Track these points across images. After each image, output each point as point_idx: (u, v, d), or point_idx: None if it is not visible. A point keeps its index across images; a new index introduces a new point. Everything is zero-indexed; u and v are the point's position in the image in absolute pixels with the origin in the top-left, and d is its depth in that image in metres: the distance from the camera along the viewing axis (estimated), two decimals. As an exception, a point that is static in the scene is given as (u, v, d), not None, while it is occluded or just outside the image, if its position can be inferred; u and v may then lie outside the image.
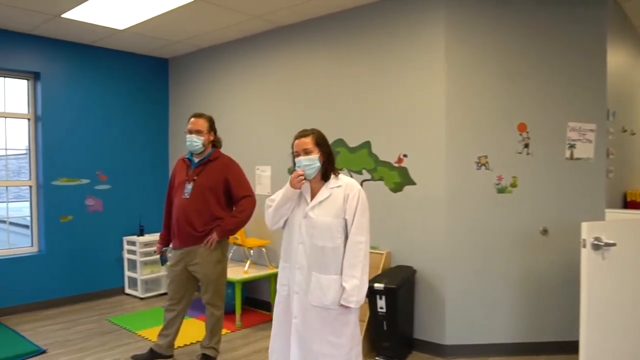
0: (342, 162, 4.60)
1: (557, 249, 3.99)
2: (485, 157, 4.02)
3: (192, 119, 3.73)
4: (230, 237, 5.30)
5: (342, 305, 2.58)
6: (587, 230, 2.82)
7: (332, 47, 4.70)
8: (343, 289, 2.58)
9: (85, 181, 5.76)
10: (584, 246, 2.81)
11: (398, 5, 4.19)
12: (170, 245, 3.83)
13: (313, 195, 2.72)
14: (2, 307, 5.14)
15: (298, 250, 2.69)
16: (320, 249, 2.64)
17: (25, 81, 5.51)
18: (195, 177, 3.69)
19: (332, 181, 2.71)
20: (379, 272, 4.18)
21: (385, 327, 3.80)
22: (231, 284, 4.94)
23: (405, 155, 4.20)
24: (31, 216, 5.56)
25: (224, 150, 3.84)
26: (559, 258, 3.99)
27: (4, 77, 5.36)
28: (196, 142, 3.67)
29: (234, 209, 3.75)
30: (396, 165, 4.26)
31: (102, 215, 5.90)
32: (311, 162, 2.67)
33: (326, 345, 2.60)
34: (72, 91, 5.65)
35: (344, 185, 2.69)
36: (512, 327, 4.02)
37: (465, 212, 4.00)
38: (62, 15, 4.70)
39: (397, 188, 4.26)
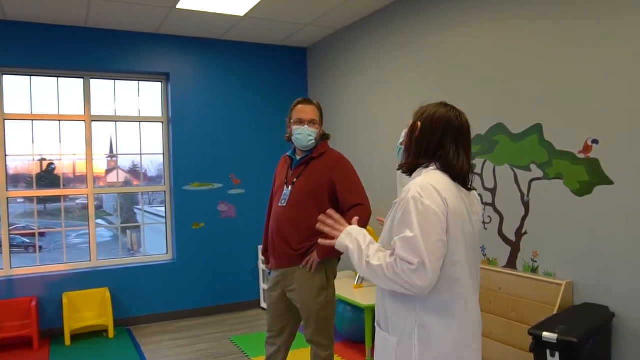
0: (503, 155, 3.37)
1: None
2: None
3: (301, 106, 2.90)
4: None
5: None
6: None
7: (491, 8, 3.50)
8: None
9: (217, 185, 5.41)
10: None
11: None
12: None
13: None
14: (136, 316, 4.99)
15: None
16: (380, 290, 1.71)
17: (159, 83, 5.36)
18: (294, 180, 2.88)
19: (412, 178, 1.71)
20: (555, 311, 2.88)
21: (562, 401, 2.52)
22: (360, 310, 4.05)
23: (595, 142, 2.83)
24: (166, 223, 5.39)
25: (363, 146, 2.94)
26: None
27: (138, 80, 5.27)
28: (311, 135, 2.85)
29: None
30: (582, 156, 2.90)
31: (235, 222, 5.49)
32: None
33: None
34: (202, 91, 5.35)
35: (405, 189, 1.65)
36: None
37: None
38: (178, 7, 4.34)
39: (583, 189, 2.90)
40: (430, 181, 1.57)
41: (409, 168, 1.72)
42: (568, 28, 2.95)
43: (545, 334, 2.50)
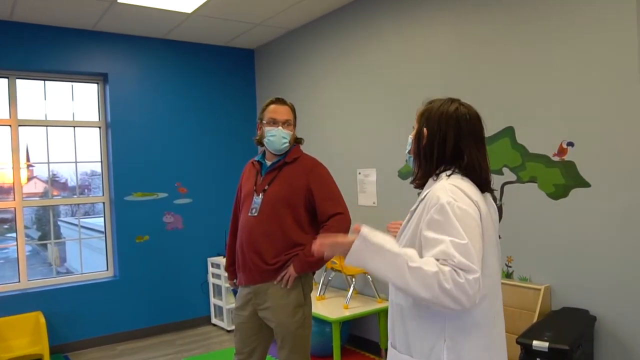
0: (471, 158, 3.30)
1: None
2: None
3: (275, 106, 2.67)
4: (329, 263, 4.23)
5: None
6: None
7: (453, 8, 3.44)
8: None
9: (162, 195, 5.03)
10: None
11: None
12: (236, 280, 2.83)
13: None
14: (74, 341, 4.51)
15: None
16: (397, 308, 1.51)
17: (95, 85, 4.91)
18: (266, 187, 2.64)
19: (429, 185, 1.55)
20: (535, 317, 2.83)
21: (555, 411, 2.44)
22: (327, 323, 3.85)
23: (570, 144, 2.81)
24: (105, 237, 4.93)
25: (318, 151, 2.75)
26: None
27: (73, 81, 4.79)
28: (285, 137, 2.62)
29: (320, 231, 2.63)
30: (556, 158, 2.88)
31: (182, 234, 5.13)
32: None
33: None
34: (143, 93, 4.95)
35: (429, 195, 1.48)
36: None
37: (679, 227, 2.53)
38: (119, 1, 3.97)
39: (559, 193, 2.88)
40: (457, 184, 1.41)
41: (422, 182, 1.56)
42: (539, 30, 2.92)
43: (535, 342, 2.42)
